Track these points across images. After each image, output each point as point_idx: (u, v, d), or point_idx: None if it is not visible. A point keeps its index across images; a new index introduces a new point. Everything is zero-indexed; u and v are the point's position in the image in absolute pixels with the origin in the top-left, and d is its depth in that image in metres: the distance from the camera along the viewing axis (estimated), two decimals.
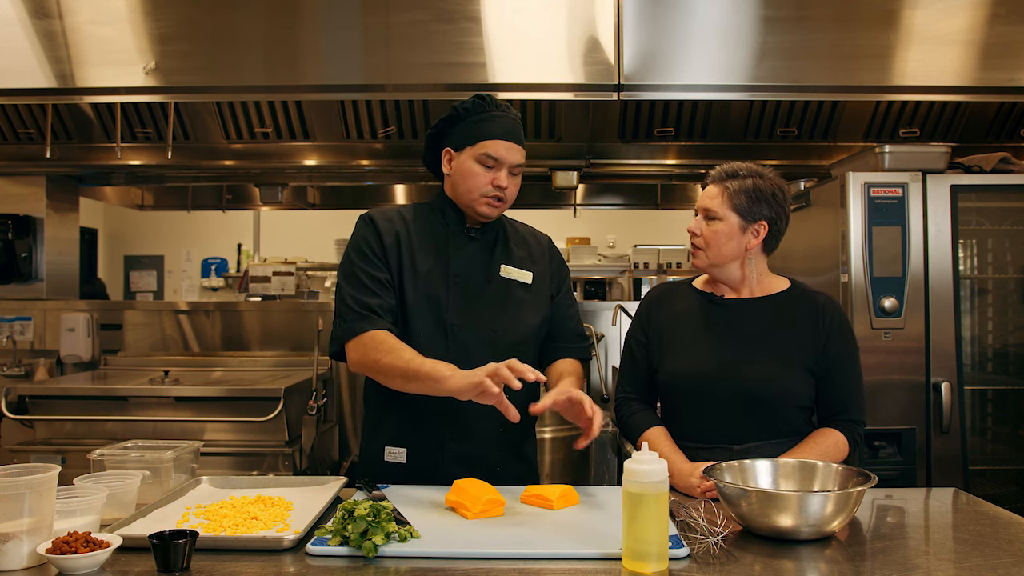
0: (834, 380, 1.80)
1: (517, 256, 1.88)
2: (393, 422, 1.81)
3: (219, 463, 2.84)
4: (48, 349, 3.69)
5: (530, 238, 1.95)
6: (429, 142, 1.89)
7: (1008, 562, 1.26)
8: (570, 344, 1.92)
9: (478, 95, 1.80)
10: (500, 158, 1.76)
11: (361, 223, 1.84)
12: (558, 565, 1.24)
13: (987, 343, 2.91)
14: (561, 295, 1.94)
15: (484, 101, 1.79)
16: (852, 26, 3.00)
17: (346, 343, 1.74)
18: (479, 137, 1.76)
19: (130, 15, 3.06)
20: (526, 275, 1.86)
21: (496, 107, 1.79)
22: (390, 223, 1.83)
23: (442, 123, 1.83)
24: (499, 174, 1.76)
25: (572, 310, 1.95)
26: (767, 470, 1.54)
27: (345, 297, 1.76)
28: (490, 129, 1.76)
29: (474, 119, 1.77)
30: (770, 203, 1.81)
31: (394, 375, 1.65)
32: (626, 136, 3.42)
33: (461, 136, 1.79)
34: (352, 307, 1.74)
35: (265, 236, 7.67)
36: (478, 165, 1.76)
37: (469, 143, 1.77)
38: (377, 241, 1.80)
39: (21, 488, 1.23)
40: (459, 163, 1.79)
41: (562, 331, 1.92)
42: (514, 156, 1.78)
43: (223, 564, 1.24)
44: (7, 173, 3.75)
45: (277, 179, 4.08)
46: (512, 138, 1.78)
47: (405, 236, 1.81)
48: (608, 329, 3.70)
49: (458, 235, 1.84)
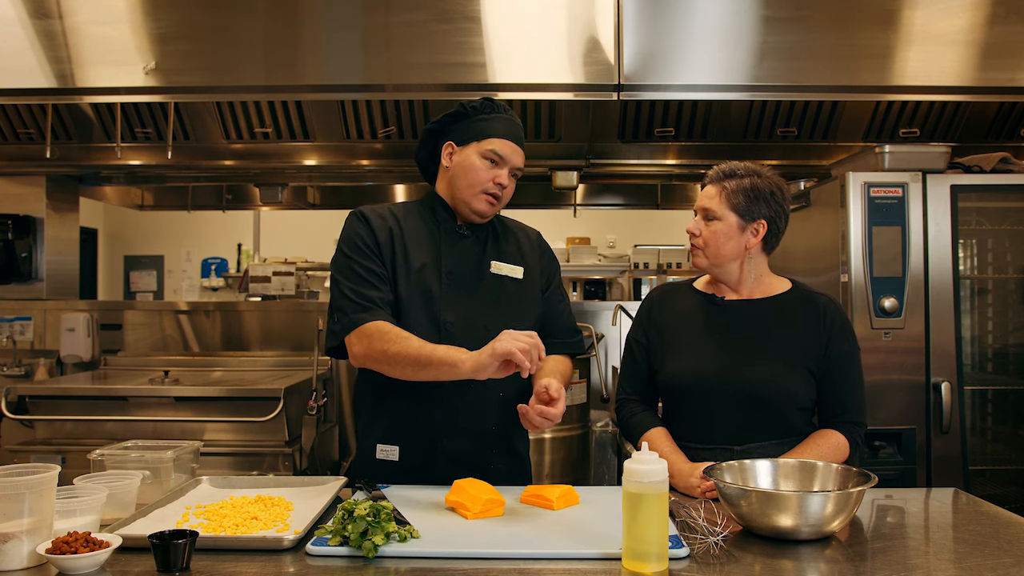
0: (835, 381, 1.80)
1: (508, 252, 1.89)
2: (386, 420, 1.81)
3: (219, 463, 2.84)
4: (48, 349, 3.69)
5: (520, 233, 1.97)
6: (427, 136, 1.89)
7: (1008, 562, 1.26)
8: (562, 339, 1.92)
9: (486, 99, 1.83)
10: (505, 156, 1.78)
11: (353, 219, 1.83)
12: (558, 565, 1.24)
13: (987, 343, 2.91)
14: (552, 289, 1.95)
15: (492, 103, 1.82)
16: (852, 26, 3.00)
17: (347, 336, 1.72)
18: (486, 134, 1.78)
19: (130, 15, 3.06)
20: (517, 270, 1.87)
21: (504, 111, 1.82)
22: (382, 219, 1.82)
23: (446, 118, 1.84)
24: (501, 172, 1.79)
25: (563, 304, 1.96)
26: (767, 470, 1.54)
27: (344, 291, 1.74)
28: (497, 128, 1.79)
29: (482, 117, 1.80)
30: (768, 202, 1.81)
31: (405, 363, 1.63)
32: (626, 136, 3.42)
33: (467, 131, 1.80)
34: (352, 299, 1.72)
35: (265, 236, 7.68)
36: (482, 160, 1.78)
37: (475, 139, 1.79)
38: (371, 236, 1.79)
39: (21, 488, 1.23)
40: (462, 157, 1.80)
41: (554, 326, 1.92)
42: (517, 158, 1.81)
43: (223, 564, 1.24)
44: (7, 173, 3.75)
45: (277, 179, 4.08)
46: (517, 141, 1.81)
47: (398, 232, 1.81)
48: (608, 329, 3.70)
49: (450, 232, 1.85)
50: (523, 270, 1.88)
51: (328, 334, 1.78)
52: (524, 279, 1.87)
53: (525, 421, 1.61)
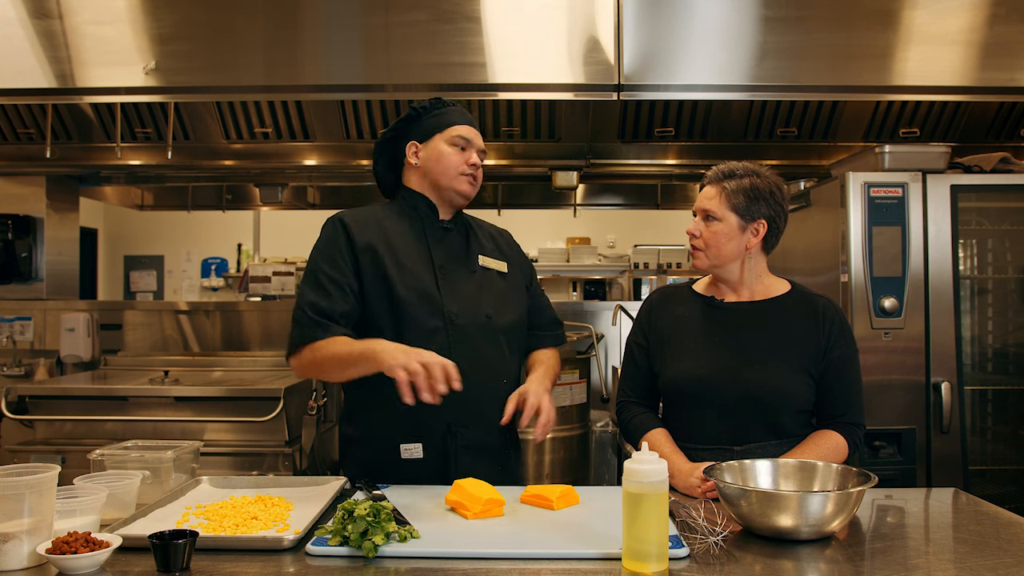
0: (834, 383, 1.80)
1: (488, 247, 1.94)
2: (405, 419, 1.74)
3: (219, 463, 2.84)
4: (48, 349, 3.69)
5: (495, 232, 2.03)
6: (383, 146, 1.92)
7: (1008, 562, 1.26)
8: (551, 331, 2.02)
9: (435, 98, 1.90)
10: (471, 140, 1.86)
11: (330, 225, 1.82)
12: (558, 565, 1.24)
13: (987, 343, 2.91)
14: (533, 286, 2.03)
15: (441, 101, 1.90)
16: (852, 26, 3.00)
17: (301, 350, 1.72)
18: (447, 123, 1.86)
19: (130, 15, 3.06)
20: (501, 264, 1.93)
21: (453, 104, 1.90)
22: (363, 224, 1.81)
23: (401, 123, 1.89)
24: (471, 154, 1.86)
25: (545, 299, 2.06)
26: (767, 470, 1.54)
27: (303, 303, 1.74)
28: (456, 117, 1.87)
29: (436, 112, 1.87)
30: (768, 201, 1.81)
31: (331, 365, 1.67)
32: (626, 136, 3.42)
33: (426, 128, 1.86)
34: (308, 313, 1.71)
35: (265, 236, 7.68)
36: (451, 147, 1.84)
37: (437, 131, 1.85)
38: (347, 243, 1.78)
39: (21, 488, 1.23)
40: (429, 150, 1.85)
41: (540, 320, 2.00)
42: (479, 141, 1.89)
43: (223, 564, 1.24)
44: (7, 173, 3.75)
45: (277, 179, 4.08)
46: (475, 126, 1.89)
47: (382, 233, 1.81)
48: (608, 329, 3.70)
49: (434, 228, 1.87)
50: (507, 264, 1.94)
51: (288, 343, 1.77)
52: (508, 273, 1.93)
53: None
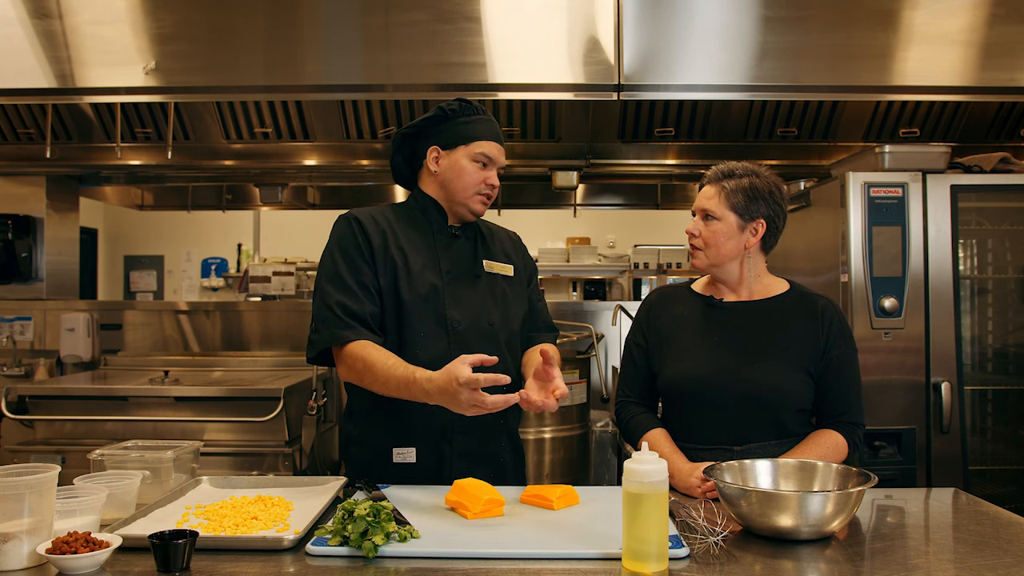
0: (833, 382, 1.80)
1: (496, 251, 1.93)
2: (398, 423, 1.78)
3: (219, 463, 2.84)
4: (48, 349, 3.69)
5: (503, 234, 2.01)
6: (402, 141, 1.89)
7: (1008, 562, 1.26)
8: (543, 335, 1.99)
9: (462, 100, 1.84)
10: (493, 158, 1.82)
11: (344, 223, 1.81)
12: (558, 565, 1.24)
13: (987, 343, 2.91)
14: (531, 288, 2.00)
15: (470, 104, 1.84)
16: (852, 26, 3.00)
17: (329, 348, 1.72)
18: (472, 137, 1.80)
19: (130, 15, 3.06)
20: (508, 268, 1.91)
21: (482, 112, 1.85)
22: (375, 223, 1.81)
23: (425, 122, 1.85)
24: (491, 173, 1.82)
25: (542, 303, 2.03)
26: (767, 470, 1.54)
27: (328, 301, 1.72)
28: (482, 131, 1.81)
29: (463, 120, 1.81)
30: (767, 201, 1.81)
31: (370, 382, 1.66)
32: (626, 136, 3.42)
33: (450, 135, 1.81)
34: (336, 313, 1.71)
35: (265, 236, 7.67)
36: (473, 164, 1.80)
37: (461, 142, 1.80)
38: (365, 242, 1.78)
39: (21, 488, 1.23)
40: (451, 161, 1.82)
41: (535, 323, 1.98)
42: (502, 158, 1.86)
43: (223, 564, 1.24)
44: (7, 173, 3.75)
45: (277, 179, 4.08)
46: (499, 141, 1.85)
47: (393, 236, 1.81)
48: (608, 329, 3.70)
49: (443, 233, 1.86)
50: (512, 268, 1.92)
51: (309, 343, 1.76)
52: (514, 277, 1.92)
53: (527, 404, 1.57)
